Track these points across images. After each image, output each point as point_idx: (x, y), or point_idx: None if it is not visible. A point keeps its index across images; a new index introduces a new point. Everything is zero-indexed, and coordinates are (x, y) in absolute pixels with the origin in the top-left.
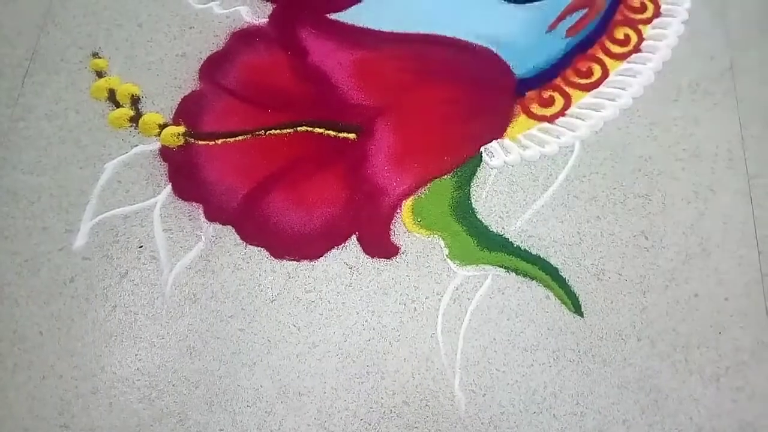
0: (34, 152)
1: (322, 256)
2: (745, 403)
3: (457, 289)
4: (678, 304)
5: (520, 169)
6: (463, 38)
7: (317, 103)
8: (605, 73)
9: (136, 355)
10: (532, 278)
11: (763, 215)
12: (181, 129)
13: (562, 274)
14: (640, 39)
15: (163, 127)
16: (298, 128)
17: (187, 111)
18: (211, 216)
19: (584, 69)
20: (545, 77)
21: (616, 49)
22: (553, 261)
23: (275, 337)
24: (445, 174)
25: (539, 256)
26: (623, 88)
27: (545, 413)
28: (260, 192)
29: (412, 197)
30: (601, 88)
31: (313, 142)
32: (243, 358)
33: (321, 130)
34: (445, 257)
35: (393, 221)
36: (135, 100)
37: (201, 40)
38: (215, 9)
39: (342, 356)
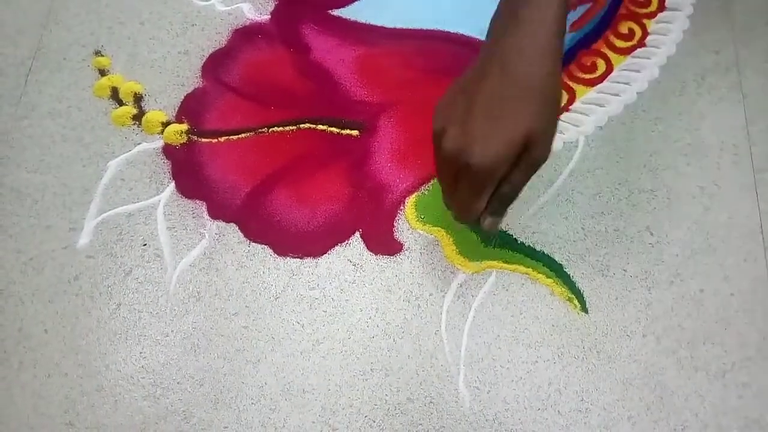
0: (38, 151)
1: (325, 253)
2: (751, 399)
3: (461, 285)
4: (683, 299)
5: None
6: (466, 34)
7: (320, 100)
8: (609, 68)
9: (140, 353)
10: (537, 274)
11: None
12: (184, 127)
13: (566, 270)
14: (645, 33)
15: (166, 124)
16: (301, 125)
17: (190, 109)
18: (215, 214)
19: (588, 64)
20: None
21: (621, 43)
22: (557, 257)
23: (279, 335)
24: None
25: (543, 252)
26: (628, 83)
27: (550, 410)
28: (263, 189)
29: (415, 194)
30: (606, 83)
31: (316, 139)
32: (247, 355)
33: (324, 127)
34: (449, 254)
35: (396, 218)
36: (138, 98)
37: (203, 38)
38: (217, 6)
39: (346, 353)
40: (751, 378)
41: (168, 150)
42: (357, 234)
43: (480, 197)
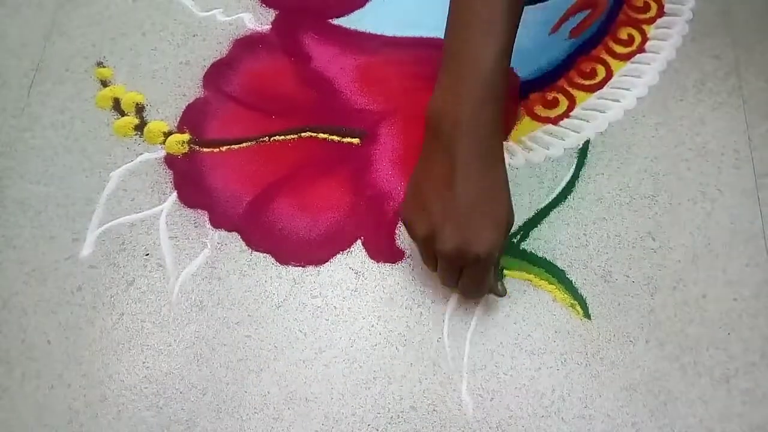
0: (41, 162)
1: (327, 261)
2: (756, 404)
3: None
4: (686, 305)
5: (525, 171)
6: None
7: (321, 108)
8: (609, 74)
9: (143, 362)
10: (539, 281)
11: None
12: (186, 137)
13: (568, 276)
14: (644, 39)
15: (167, 135)
16: (302, 134)
17: (192, 119)
18: (217, 223)
19: (588, 70)
20: (549, 79)
21: (620, 49)
22: (559, 263)
23: (282, 343)
24: None
25: (545, 259)
26: (628, 89)
27: (553, 417)
28: (265, 198)
29: None
30: (606, 89)
31: (317, 148)
32: (250, 364)
33: (325, 136)
34: None
35: (398, 225)
36: (140, 109)
37: (204, 48)
38: (218, 16)
39: (348, 362)
40: (756, 383)
41: (170, 160)
42: (359, 242)
43: (488, 277)
